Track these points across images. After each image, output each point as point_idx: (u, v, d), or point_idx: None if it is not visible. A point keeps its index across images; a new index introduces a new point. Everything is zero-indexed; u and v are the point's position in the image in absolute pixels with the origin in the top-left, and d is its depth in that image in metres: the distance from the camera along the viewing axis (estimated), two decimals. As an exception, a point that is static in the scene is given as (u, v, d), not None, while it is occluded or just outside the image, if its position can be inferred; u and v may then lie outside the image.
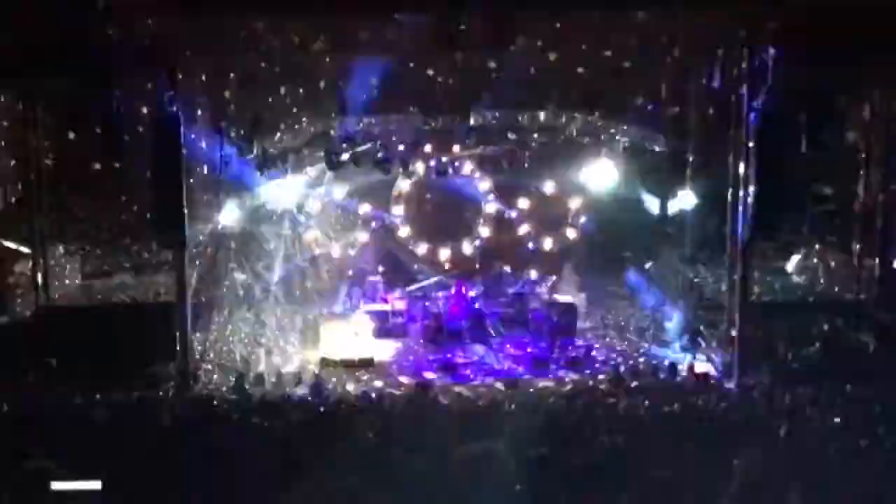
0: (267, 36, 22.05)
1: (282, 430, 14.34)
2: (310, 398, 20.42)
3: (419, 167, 27.50)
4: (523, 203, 29.31)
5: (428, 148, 27.05)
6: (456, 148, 27.18)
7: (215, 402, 18.70)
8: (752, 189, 21.48)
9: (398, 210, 29.15)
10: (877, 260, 23.52)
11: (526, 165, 27.47)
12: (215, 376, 23.06)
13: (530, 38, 22.23)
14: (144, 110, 22.16)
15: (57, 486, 3.59)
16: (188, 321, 22.61)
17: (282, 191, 26.59)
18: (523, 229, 29.43)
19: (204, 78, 23.54)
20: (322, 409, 17.60)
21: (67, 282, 24.58)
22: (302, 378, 22.86)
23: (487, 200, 29.25)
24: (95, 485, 3.57)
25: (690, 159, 26.55)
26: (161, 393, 20.52)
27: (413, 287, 28.54)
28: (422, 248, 29.31)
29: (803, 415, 15.08)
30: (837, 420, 14.09)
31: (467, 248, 29.38)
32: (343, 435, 13.61)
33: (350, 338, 24.80)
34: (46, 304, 23.14)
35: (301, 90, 24.65)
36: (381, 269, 28.90)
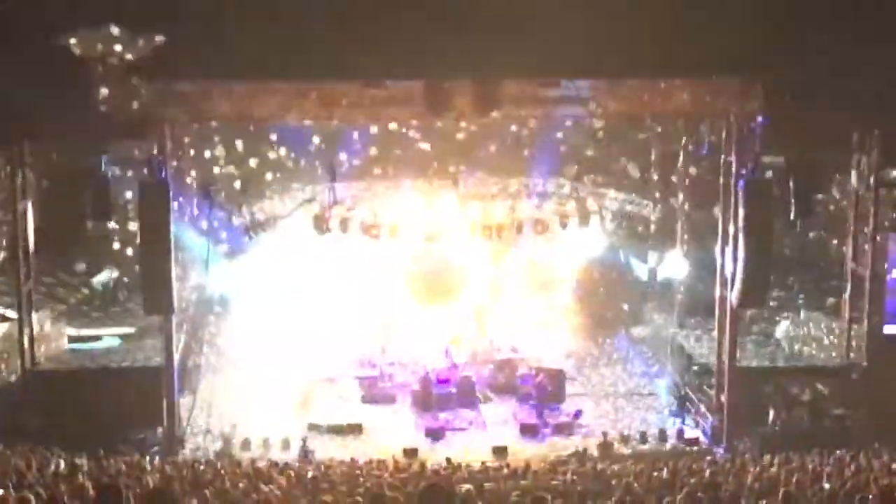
0: (251, 103, 22.17)
1: (267, 494, 14.15)
2: (297, 463, 20.23)
3: (410, 233, 27.37)
4: (513, 269, 29.21)
5: (418, 214, 27.01)
6: (445, 213, 27.14)
7: (202, 468, 18.49)
8: (741, 255, 21.59)
9: (390, 276, 29.03)
10: (865, 325, 23.51)
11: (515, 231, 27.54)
12: (202, 441, 22.88)
13: (516, 106, 22.37)
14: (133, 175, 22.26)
15: None
16: (175, 386, 22.53)
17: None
18: (513, 294, 29.34)
19: (192, 145, 23.77)
20: (310, 474, 17.42)
21: (53, 346, 24.46)
22: (289, 443, 22.70)
23: (478, 265, 29.21)
24: None
25: (680, 224, 26.69)
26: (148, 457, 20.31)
27: (401, 352, 28.38)
28: (411, 313, 29.18)
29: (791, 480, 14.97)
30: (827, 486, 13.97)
31: (457, 312, 29.26)
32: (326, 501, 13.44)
33: (338, 403, 24.68)
34: (32, 369, 22.98)
35: (291, 155, 24.88)
36: (371, 336, 28.74)
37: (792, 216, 21.70)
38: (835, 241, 25.47)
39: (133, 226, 21.71)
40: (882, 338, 23.06)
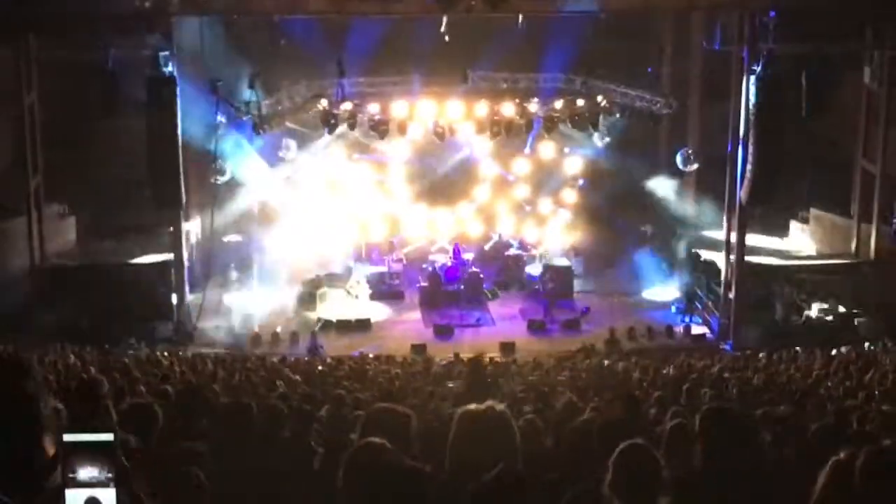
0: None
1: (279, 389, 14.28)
2: (306, 358, 20.39)
3: (417, 129, 27.10)
4: (521, 166, 28.98)
5: (426, 110, 26.68)
6: (454, 110, 26.81)
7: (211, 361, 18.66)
8: (751, 151, 21.46)
9: (395, 172, 28.86)
10: (874, 223, 23.47)
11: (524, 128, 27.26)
12: (212, 335, 23.06)
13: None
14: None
15: (69, 437, 3.59)
16: (185, 281, 22.64)
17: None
18: (521, 192, 29.18)
19: (200, 38, 23.48)
20: (319, 368, 17.58)
21: (62, 241, 24.51)
22: (298, 338, 22.88)
23: (486, 163, 29.01)
24: (108, 437, 3.58)
25: (690, 122, 26.45)
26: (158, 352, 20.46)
27: (409, 249, 28.41)
28: (419, 210, 29.08)
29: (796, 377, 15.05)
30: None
31: (465, 210, 29.16)
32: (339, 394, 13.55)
33: (347, 299, 24.80)
34: (41, 265, 23.06)
35: (299, 50, 24.58)
36: (378, 231, 28.69)
37: (803, 113, 21.51)
38: (846, 139, 25.23)
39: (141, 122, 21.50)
40: (891, 235, 23.02)
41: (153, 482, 4.34)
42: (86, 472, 3.80)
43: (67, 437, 3.77)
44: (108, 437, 3.82)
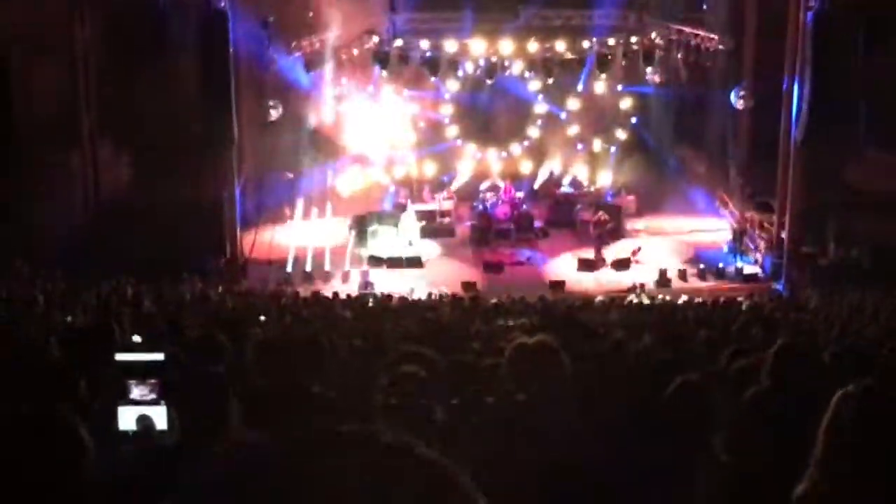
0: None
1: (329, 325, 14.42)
2: (357, 295, 20.53)
3: (468, 66, 26.98)
4: (574, 104, 28.74)
5: (477, 47, 26.53)
6: (506, 47, 26.64)
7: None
8: (807, 89, 21.13)
9: (447, 110, 28.75)
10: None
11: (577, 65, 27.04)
12: (264, 271, 23.29)
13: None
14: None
15: (122, 357, 3.70)
16: (237, 217, 22.83)
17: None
18: (573, 130, 28.96)
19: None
20: (370, 305, 17.72)
21: (116, 178, 24.73)
22: (349, 276, 23.04)
23: (537, 101, 28.81)
24: (159, 356, 3.68)
25: (746, 59, 26.01)
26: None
27: (460, 187, 28.38)
28: (470, 148, 29.01)
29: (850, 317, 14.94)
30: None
31: (516, 148, 29.03)
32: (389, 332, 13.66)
33: (398, 237, 24.89)
34: (96, 202, 23.33)
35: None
36: (429, 168, 28.65)
37: (861, 51, 21.14)
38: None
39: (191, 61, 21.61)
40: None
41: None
42: (138, 391, 3.92)
43: (120, 357, 3.88)
44: (160, 356, 3.93)
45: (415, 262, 24.22)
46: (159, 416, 3.94)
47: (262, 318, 14.58)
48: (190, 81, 21.82)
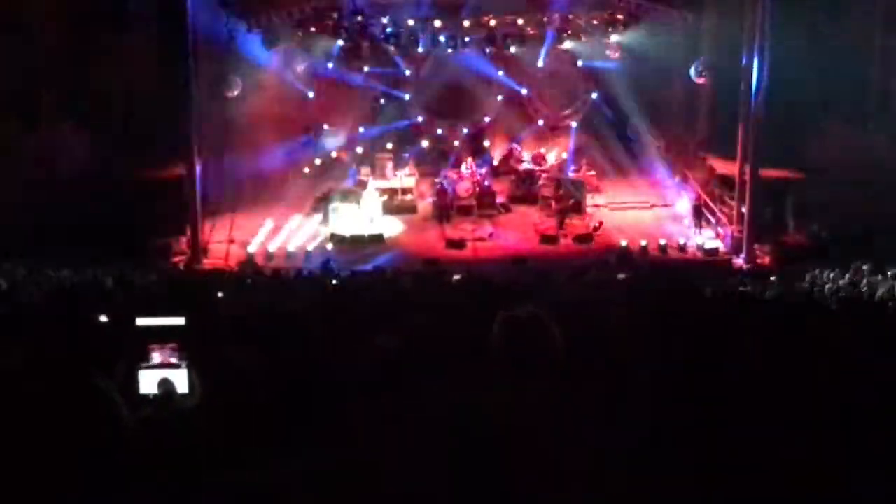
0: None
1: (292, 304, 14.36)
2: (319, 273, 20.47)
3: (428, 41, 26.88)
4: (534, 79, 28.72)
5: (438, 22, 26.45)
6: (466, 23, 26.58)
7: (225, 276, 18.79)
8: (766, 65, 21.27)
9: (407, 86, 28.66)
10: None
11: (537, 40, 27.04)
12: (225, 251, 23.17)
13: None
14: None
15: (142, 321, 3.70)
16: (198, 196, 22.65)
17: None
18: (533, 106, 28.98)
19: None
20: (333, 282, 17.67)
21: (75, 155, 24.44)
22: (311, 254, 22.96)
23: (498, 77, 28.76)
24: (180, 321, 3.68)
25: (705, 34, 26.09)
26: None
27: (422, 163, 28.34)
28: (431, 125, 28.97)
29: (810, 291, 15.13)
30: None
31: (477, 124, 29.00)
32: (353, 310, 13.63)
33: (360, 214, 24.81)
34: (54, 178, 23.05)
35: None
36: (390, 145, 28.57)
37: (821, 24, 21.31)
38: (862, 54, 24.94)
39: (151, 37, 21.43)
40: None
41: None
42: (159, 355, 3.91)
43: (141, 322, 3.86)
44: (180, 321, 3.91)
45: (377, 239, 24.19)
46: (180, 380, 3.94)
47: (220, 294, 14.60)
48: (149, 57, 21.60)
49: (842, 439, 4.08)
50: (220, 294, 14.64)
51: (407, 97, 28.64)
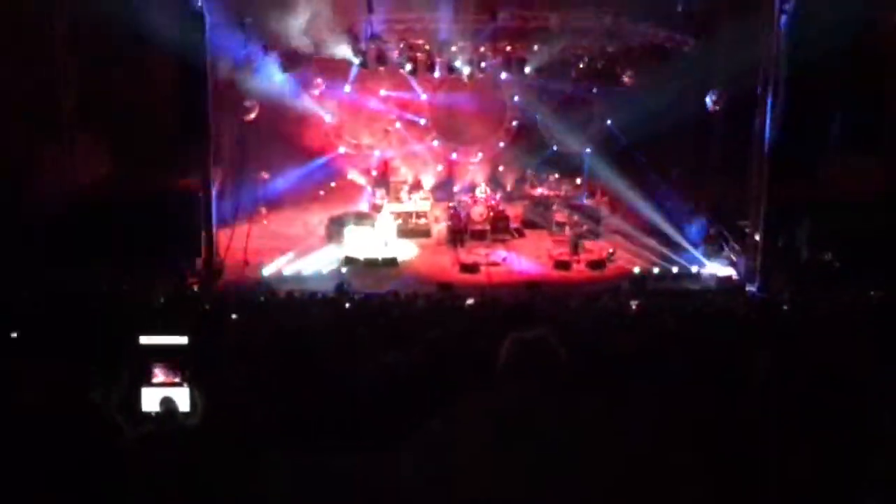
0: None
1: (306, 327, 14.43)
2: (334, 296, 20.51)
3: (445, 66, 27.05)
4: (548, 107, 28.86)
5: (454, 48, 26.62)
6: (483, 49, 26.76)
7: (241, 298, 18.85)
8: (781, 92, 21.29)
9: (423, 110, 28.86)
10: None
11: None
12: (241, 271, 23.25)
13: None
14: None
15: (145, 340, 3.75)
16: (213, 216, 22.77)
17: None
18: (547, 131, 29.08)
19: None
20: (347, 306, 17.73)
21: (95, 170, 24.57)
22: (325, 277, 23.03)
23: (513, 102, 28.94)
24: (182, 340, 3.72)
25: (719, 61, 26.12)
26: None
27: (437, 187, 28.49)
28: (447, 149, 29.16)
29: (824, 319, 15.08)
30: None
31: (492, 149, 29.17)
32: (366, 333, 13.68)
33: (374, 237, 24.90)
34: (73, 192, 23.18)
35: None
36: (403, 169, 28.75)
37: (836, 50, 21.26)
38: (876, 81, 24.90)
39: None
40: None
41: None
42: (162, 373, 3.97)
43: (144, 340, 3.92)
44: (184, 340, 3.96)
45: (391, 263, 24.26)
46: (182, 398, 3.99)
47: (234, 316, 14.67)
48: (169, 75, 21.80)
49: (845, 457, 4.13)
50: (233, 316, 14.75)
51: (423, 121, 28.85)
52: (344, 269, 23.48)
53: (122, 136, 23.96)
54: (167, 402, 3.95)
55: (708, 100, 25.34)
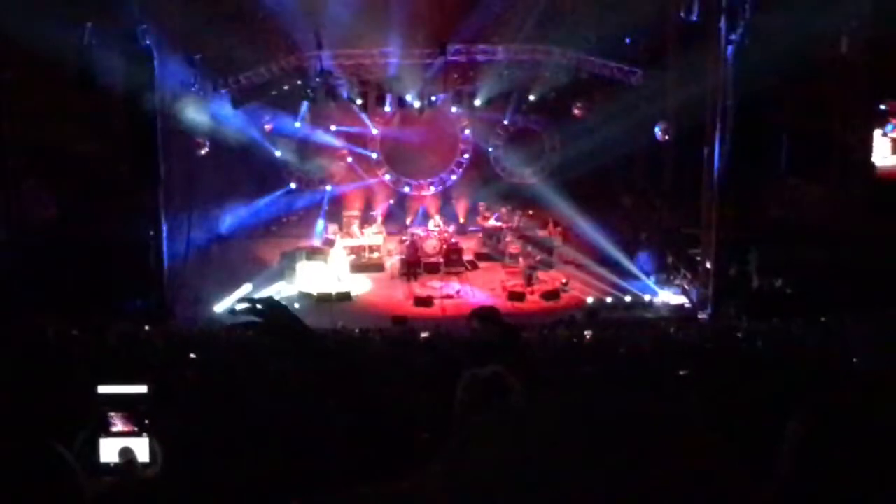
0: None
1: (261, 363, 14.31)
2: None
3: (395, 100, 27.17)
4: (499, 139, 29.08)
5: (404, 83, 26.74)
6: (432, 83, 26.90)
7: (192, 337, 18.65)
8: (729, 121, 21.53)
9: (374, 145, 28.94)
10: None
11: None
12: (190, 311, 23.04)
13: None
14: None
15: (104, 389, 3.67)
16: (164, 256, 22.58)
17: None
18: (499, 163, 29.26)
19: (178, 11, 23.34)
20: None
21: (41, 216, 24.30)
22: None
23: (464, 135, 29.10)
24: (142, 388, 3.65)
25: (668, 92, 26.40)
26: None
27: (389, 221, 28.51)
28: (399, 182, 29.22)
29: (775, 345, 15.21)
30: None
31: (444, 182, 29.27)
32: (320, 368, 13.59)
33: (327, 272, 24.81)
34: (18, 239, 22.88)
35: (277, 23, 24.51)
36: (356, 203, 28.77)
37: (780, 85, 21.53)
38: (823, 110, 25.26)
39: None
40: (868, 204, 23.12)
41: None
42: (119, 423, 3.88)
43: (102, 389, 3.83)
44: (143, 388, 3.88)
45: (344, 298, 24.18)
46: (141, 449, 3.91)
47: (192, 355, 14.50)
48: (116, 119, 21.60)
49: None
50: (191, 355, 14.58)
51: (374, 155, 28.91)
52: (297, 305, 23.33)
53: (71, 180, 23.71)
54: (126, 453, 3.88)
55: (657, 130, 25.57)
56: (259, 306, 2.98)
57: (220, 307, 23.00)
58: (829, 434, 3.41)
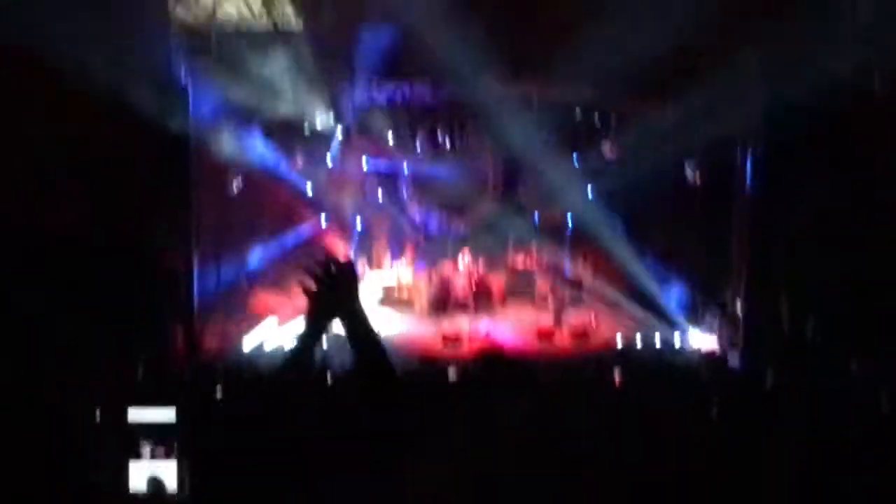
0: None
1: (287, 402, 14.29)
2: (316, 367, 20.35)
3: (428, 137, 27.21)
4: (529, 175, 28.99)
5: (437, 118, 26.79)
6: (465, 120, 26.93)
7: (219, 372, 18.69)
8: (759, 162, 21.43)
9: (409, 179, 28.94)
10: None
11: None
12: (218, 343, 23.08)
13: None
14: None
15: (134, 416, 3.68)
16: (194, 292, 22.65)
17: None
18: (530, 201, 29.16)
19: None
20: (328, 379, 17.60)
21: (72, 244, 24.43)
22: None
23: (493, 171, 29.06)
24: (170, 414, 3.65)
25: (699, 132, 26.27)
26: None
27: (418, 256, 28.48)
28: (431, 217, 29.19)
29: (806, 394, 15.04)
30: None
31: (475, 218, 29.20)
32: (349, 406, 13.57)
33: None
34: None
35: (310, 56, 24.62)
36: (387, 237, 28.76)
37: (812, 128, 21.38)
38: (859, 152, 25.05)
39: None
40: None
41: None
42: (149, 449, 3.87)
43: (132, 416, 3.82)
44: (171, 415, 3.87)
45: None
46: (170, 476, 3.90)
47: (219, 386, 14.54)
48: (149, 157, 21.71)
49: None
50: (218, 386, 14.63)
51: (405, 191, 28.92)
52: (325, 343, 23.29)
53: (101, 209, 23.83)
54: (154, 482, 3.87)
55: (687, 168, 25.44)
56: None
57: (247, 342, 23.00)
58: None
